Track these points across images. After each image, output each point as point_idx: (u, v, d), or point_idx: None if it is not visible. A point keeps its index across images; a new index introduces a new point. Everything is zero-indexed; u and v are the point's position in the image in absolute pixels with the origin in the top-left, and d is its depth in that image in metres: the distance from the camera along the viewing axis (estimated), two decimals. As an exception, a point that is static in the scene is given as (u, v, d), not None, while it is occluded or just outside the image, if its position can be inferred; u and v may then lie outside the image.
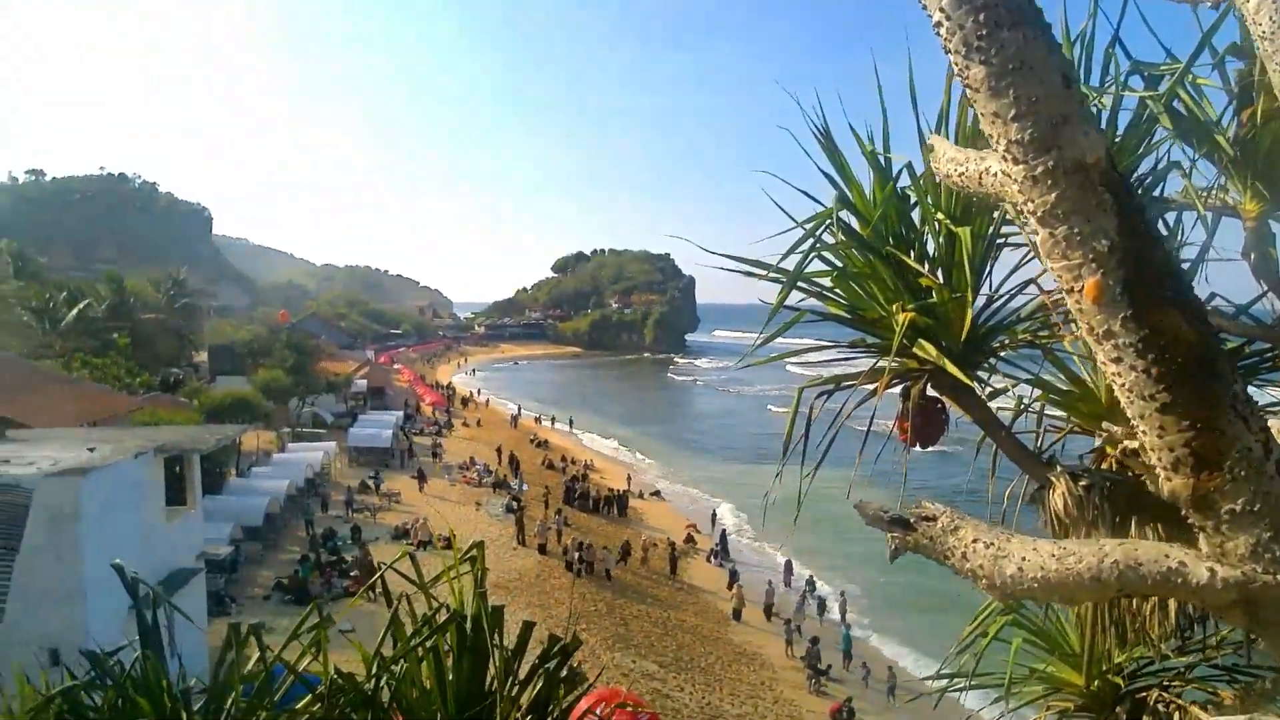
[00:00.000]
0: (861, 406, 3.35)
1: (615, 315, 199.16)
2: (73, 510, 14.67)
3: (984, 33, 1.48)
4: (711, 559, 37.33)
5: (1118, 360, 1.50)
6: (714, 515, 43.03)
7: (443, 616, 3.56)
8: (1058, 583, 1.68)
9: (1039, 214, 1.51)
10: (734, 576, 33.25)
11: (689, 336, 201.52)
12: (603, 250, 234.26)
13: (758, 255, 3.42)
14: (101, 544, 15.30)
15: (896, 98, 3.19)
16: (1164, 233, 2.91)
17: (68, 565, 14.65)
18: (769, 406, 67.47)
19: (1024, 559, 1.71)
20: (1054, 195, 1.48)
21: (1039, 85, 1.47)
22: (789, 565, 34.24)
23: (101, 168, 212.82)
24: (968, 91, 1.55)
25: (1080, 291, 1.49)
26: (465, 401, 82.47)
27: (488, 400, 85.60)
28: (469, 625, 3.58)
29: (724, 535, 38.70)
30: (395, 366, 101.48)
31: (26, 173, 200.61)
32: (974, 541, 1.79)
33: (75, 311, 54.37)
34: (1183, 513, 1.56)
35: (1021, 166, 1.51)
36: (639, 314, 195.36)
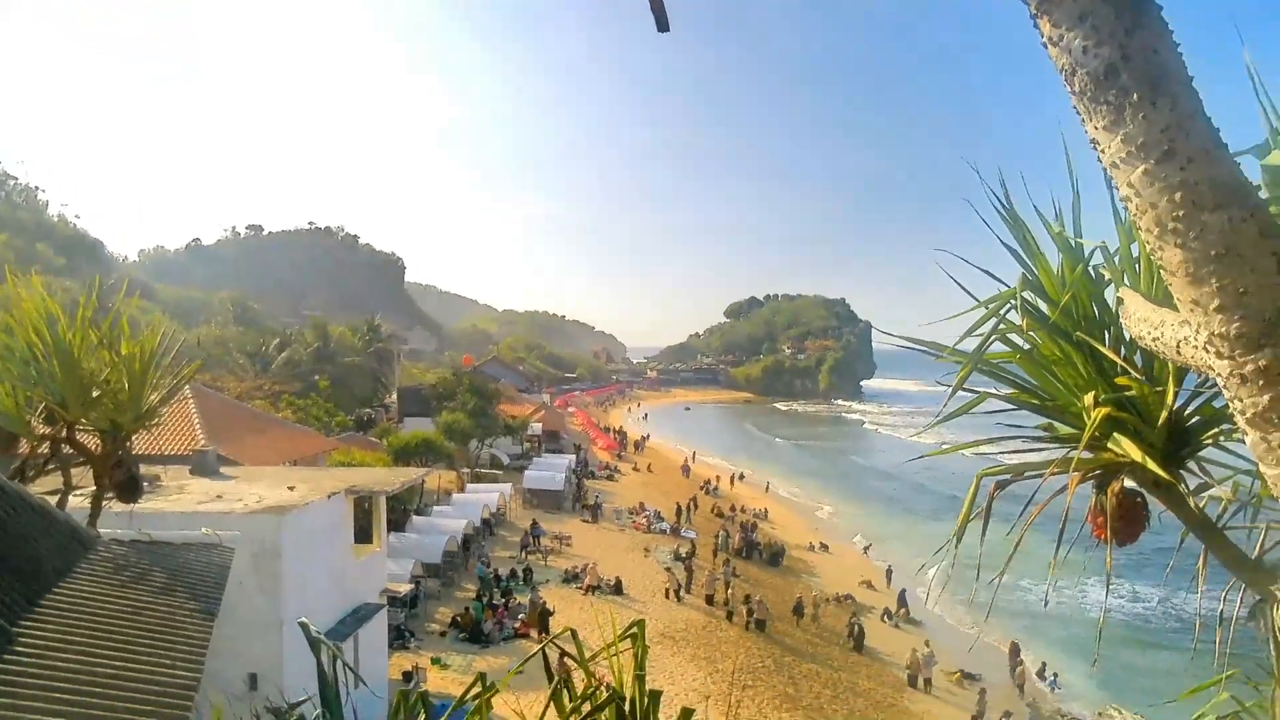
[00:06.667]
0: (1051, 497, 3.08)
1: (789, 361, 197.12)
2: (274, 546, 15.76)
3: (1181, 214, 1.28)
4: (886, 618, 35.74)
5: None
6: (889, 572, 41.23)
7: (602, 694, 3.55)
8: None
9: (1247, 414, 1.30)
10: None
11: (865, 383, 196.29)
12: (776, 295, 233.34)
13: (935, 332, 3.27)
14: (298, 578, 16.41)
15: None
16: None
17: (268, 597, 15.72)
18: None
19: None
20: (1266, 399, 1.27)
21: (1249, 275, 1.26)
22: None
23: (310, 222, 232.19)
24: (1162, 273, 1.36)
25: (1304, 507, 1.27)
26: (637, 446, 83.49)
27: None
28: (627, 706, 3.54)
29: (903, 594, 36.95)
30: (570, 410, 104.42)
31: (247, 228, 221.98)
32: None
33: (284, 356, 59.40)
34: None
35: (1227, 362, 1.31)
36: (813, 360, 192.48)
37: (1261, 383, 1.28)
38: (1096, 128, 1.30)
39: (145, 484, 10.97)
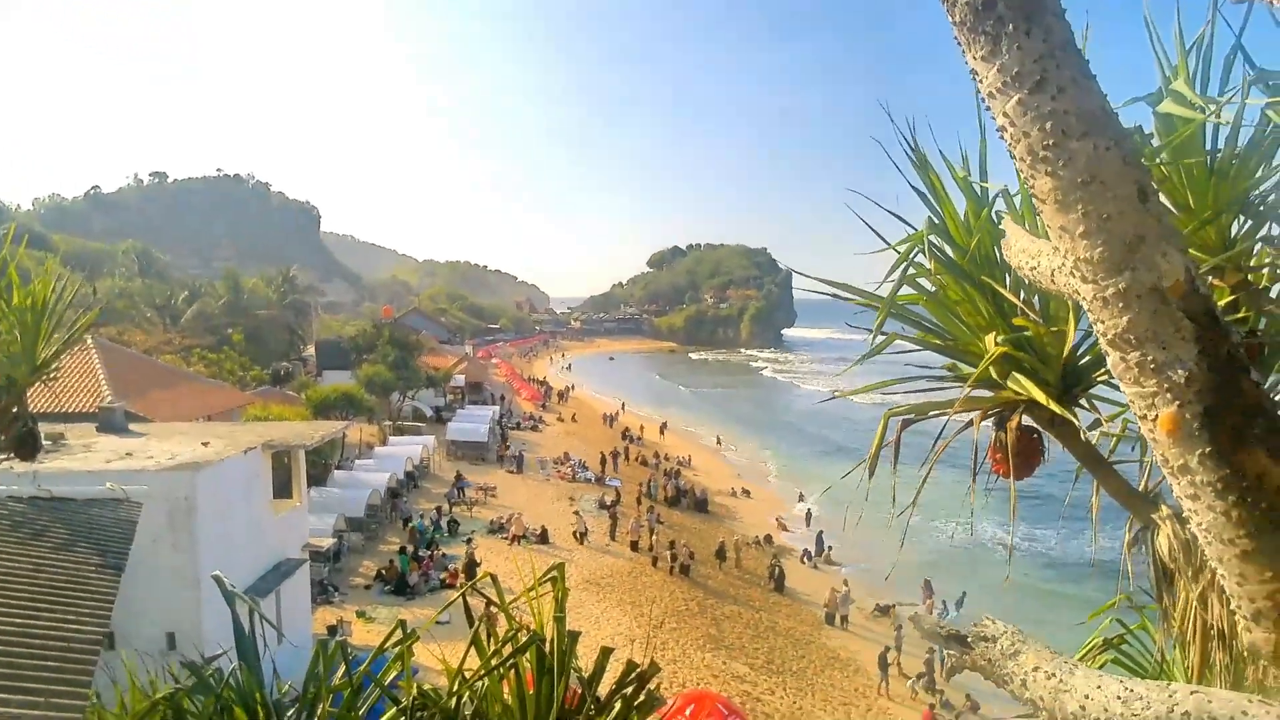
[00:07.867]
0: (956, 434, 3.21)
1: (711, 310, 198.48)
2: (189, 503, 15.38)
3: (1051, 143, 1.33)
4: (805, 560, 36.83)
5: (1194, 498, 1.34)
6: (809, 515, 42.37)
7: (523, 636, 3.60)
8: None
9: (1109, 336, 1.36)
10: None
11: (785, 332, 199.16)
12: (699, 245, 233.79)
13: (850, 273, 3.36)
14: (215, 535, 16.08)
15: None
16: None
17: (184, 555, 15.36)
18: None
19: (1087, 697, 1.54)
20: (1125, 319, 1.34)
21: (1111, 201, 1.31)
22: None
23: (219, 169, 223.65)
24: (1035, 201, 1.40)
25: (1154, 421, 1.34)
26: (561, 396, 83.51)
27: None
28: (548, 648, 3.59)
29: (820, 536, 38.05)
30: (493, 361, 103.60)
31: (150, 175, 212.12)
32: (1035, 670, 1.65)
33: (194, 308, 57.38)
34: (1263, 669, 1.40)
35: (1091, 286, 1.37)
36: (735, 309, 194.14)
37: (1121, 305, 1.34)
38: (975, 58, 1.35)
39: (47, 441, 10.57)
